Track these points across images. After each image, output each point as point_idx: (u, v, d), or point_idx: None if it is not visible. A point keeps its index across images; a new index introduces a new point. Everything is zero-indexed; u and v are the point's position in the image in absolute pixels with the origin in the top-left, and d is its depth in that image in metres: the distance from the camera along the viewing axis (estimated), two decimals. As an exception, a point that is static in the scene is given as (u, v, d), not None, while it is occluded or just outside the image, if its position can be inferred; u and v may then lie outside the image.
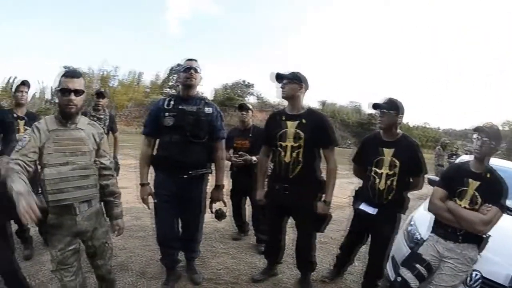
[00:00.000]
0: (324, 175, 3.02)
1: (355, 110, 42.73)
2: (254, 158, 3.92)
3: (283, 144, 2.87)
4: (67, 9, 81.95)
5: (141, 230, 4.53)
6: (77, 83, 2.06)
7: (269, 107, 38.70)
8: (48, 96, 43.56)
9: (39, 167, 2.09)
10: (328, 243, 4.32)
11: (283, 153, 2.87)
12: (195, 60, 2.90)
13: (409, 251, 2.76)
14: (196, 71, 2.85)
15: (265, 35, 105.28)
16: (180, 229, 3.14)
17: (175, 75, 52.41)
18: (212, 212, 3.18)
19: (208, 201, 3.16)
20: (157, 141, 2.97)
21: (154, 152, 2.97)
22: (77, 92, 2.05)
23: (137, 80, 45.66)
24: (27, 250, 3.63)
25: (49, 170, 1.99)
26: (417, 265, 2.44)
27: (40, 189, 2.08)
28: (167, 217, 2.96)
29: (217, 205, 3.21)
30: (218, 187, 3.12)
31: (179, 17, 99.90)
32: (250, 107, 4.30)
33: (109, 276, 2.47)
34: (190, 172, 2.83)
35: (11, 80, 48.65)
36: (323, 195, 2.94)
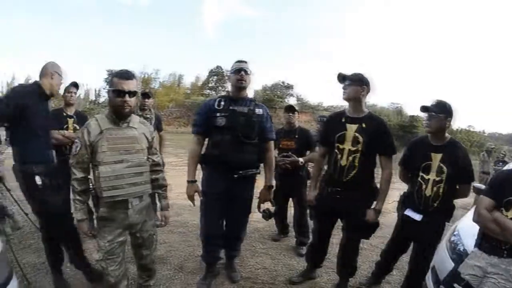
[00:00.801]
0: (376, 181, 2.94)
1: (396, 112, 41.56)
2: (300, 159, 3.92)
3: (341, 146, 2.81)
4: (108, 15, 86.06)
5: (181, 226, 4.61)
6: (131, 85, 2.12)
7: (309, 109, 38.49)
8: (92, 97, 45.75)
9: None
10: (367, 249, 4.18)
11: (339, 156, 2.81)
12: (246, 62, 2.90)
13: (452, 263, 2.60)
14: (246, 72, 2.85)
15: (304, 36, 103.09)
16: (224, 227, 3.16)
17: (215, 77, 53.56)
18: (260, 212, 3.20)
19: (256, 201, 3.18)
20: (205, 139, 3.01)
21: (203, 151, 3.01)
22: (131, 94, 2.11)
23: (178, 82, 46.97)
24: None
25: (104, 168, 2.06)
26: (455, 285, 2.30)
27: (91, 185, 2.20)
28: (214, 215, 2.98)
29: (264, 205, 3.21)
30: (268, 187, 3.11)
31: (214, 20, 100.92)
32: (297, 108, 4.28)
33: (152, 266, 2.55)
34: (240, 171, 2.85)
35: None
36: (374, 202, 2.85)
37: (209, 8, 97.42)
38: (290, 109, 4.22)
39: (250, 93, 3.02)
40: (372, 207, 2.83)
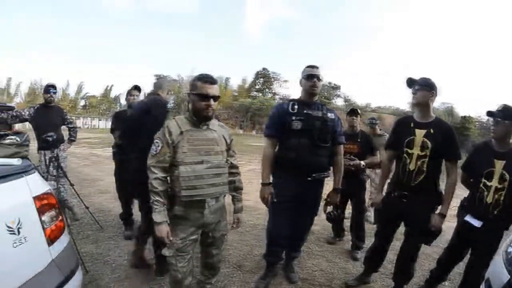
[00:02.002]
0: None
1: (447, 112, 39.67)
2: (362, 162, 3.90)
3: (410, 151, 2.78)
4: (155, 21, 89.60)
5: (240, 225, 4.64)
6: (215, 89, 2.16)
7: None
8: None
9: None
10: (420, 257, 4.06)
11: (408, 160, 2.78)
12: (317, 67, 2.92)
13: (507, 275, 2.47)
14: (319, 79, 2.88)
15: (349, 35, 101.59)
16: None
17: (261, 79, 53.81)
18: (325, 214, 3.20)
19: (322, 204, 3.19)
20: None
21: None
22: (215, 98, 2.15)
23: (225, 85, 47.71)
24: (128, 231, 4.07)
25: (184, 168, 2.09)
26: None
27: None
28: (284, 216, 2.98)
29: (329, 208, 3.22)
30: (336, 190, 3.13)
31: (257, 23, 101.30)
32: (360, 112, 4.24)
33: (218, 265, 2.56)
34: (314, 174, 2.88)
35: (108, 88, 53.86)
36: (439, 208, 2.77)
37: (251, 11, 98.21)
38: (353, 112, 4.17)
39: (297, 94, 3.05)
40: (437, 212, 2.77)
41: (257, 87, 53.46)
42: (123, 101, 52.35)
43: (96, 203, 5.29)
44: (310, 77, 2.87)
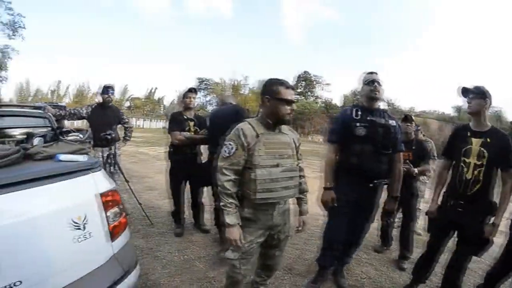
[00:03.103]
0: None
1: (495, 117, 37.39)
2: (415, 170, 3.79)
3: (467, 160, 2.76)
4: (194, 26, 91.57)
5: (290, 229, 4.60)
6: (294, 95, 2.22)
7: (401, 115, 36.57)
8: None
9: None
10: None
11: (465, 169, 2.75)
12: (376, 73, 2.93)
13: None
14: (379, 83, 2.88)
15: (391, 37, 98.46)
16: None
17: (303, 82, 53.49)
18: (383, 221, 3.14)
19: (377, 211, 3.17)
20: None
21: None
22: (294, 103, 2.20)
23: None
24: (179, 228, 4.17)
25: (260, 171, 2.07)
26: None
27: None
28: (342, 222, 2.98)
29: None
30: (394, 198, 3.10)
31: (295, 24, 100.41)
32: (413, 118, 4.12)
33: (277, 267, 2.57)
34: (375, 181, 2.90)
35: (152, 90, 55.74)
36: (492, 218, 2.71)
37: (288, 12, 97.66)
38: (407, 119, 4.07)
39: (338, 98, 3.04)
40: (489, 222, 2.72)
41: (298, 90, 53.24)
42: (165, 102, 54.33)
43: (145, 199, 5.45)
44: (371, 82, 2.88)
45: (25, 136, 2.59)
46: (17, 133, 3.82)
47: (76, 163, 1.99)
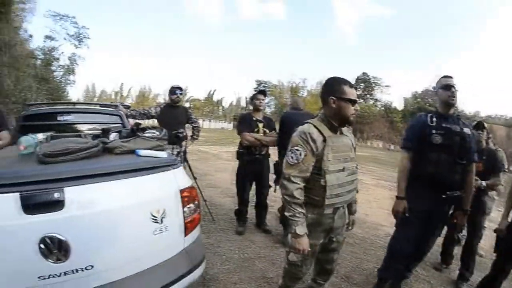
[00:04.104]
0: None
1: None
2: (484, 183, 3.54)
3: None
4: (248, 30, 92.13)
5: (349, 236, 4.53)
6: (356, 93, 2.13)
7: (465, 119, 34.26)
8: (243, 104, 49.45)
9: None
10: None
11: None
12: (451, 77, 2.82)
13: None
14: (455, 89, 2.77)
15: (453, 34, 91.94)
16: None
17: (362, 84, 51.89)
18: (446, 237, 3.05)
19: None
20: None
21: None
22: (357, 102, 2.12)
23: None
24: (241, 227, 4.27)
25: (330, 176, 2.00)
26: None
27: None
28: (410, 234, 2.87)
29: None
30: (465, 211, 2.91)
31: (351, 23, 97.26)
32: (486, 125, 3.80)
33: (334, 270, 2.50)
34: (448, 192, 2.75)
35: (211, 92, 57.26)
36: None
37: (340, 12, 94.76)
38: (478, 126, 3.73)
39: (398, 101, 2.89)
40: None
41: (358, 93, 51.60)
42: (224, 104, 55.45)
43: (208, 196, 5.59)
44: (448, 87, 2.75)
45: (101, 131, 2.74)
46: (89, 128, 4.17)
47: (158, 159, 2.08)
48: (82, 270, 1.68)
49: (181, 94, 4.79)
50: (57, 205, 1.62)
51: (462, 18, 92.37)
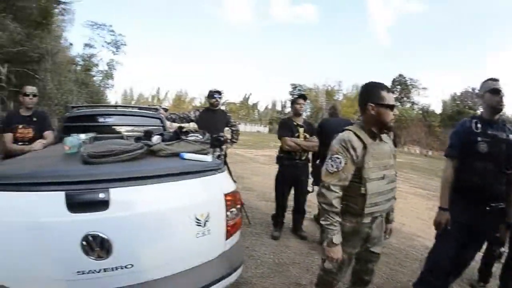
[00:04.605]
0: None
1: None
2: None
3: None
4: (281, 34, 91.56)
5: (384, 246, 4.30)
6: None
7: (510, 125, 32.33)
8: (278, 107, 49.33)
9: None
10: None
11: None
12: (498, 80, 2.66)
13: None
14: (503, 93, 2.62)
15: (493, 30, 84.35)
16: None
17: (398, 87, 50.22)
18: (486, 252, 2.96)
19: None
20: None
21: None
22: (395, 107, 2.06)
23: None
24: (277, 232, 4.28)
25: (371, 185, 1.97)
26: None
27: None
28: (450, 247, 2.71)
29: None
30: (507, 225, 2.74)
31: (385, 24, 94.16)
32: None
33: (370, 281, 2.44)
34: (492, 204, 2.57)
35: (246, 96, 57.63)
36: None
37: (374, 12, 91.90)
38: None
39: (436, 104, 2.72)
40: None
41: (394, 96, 50.02)
42: (259, 107, 55.68)
43: (244, 199, 5.55)
44: (496, 91, 2.58)
45: (143, 134, 2.79)
46: (130, 130, 4.32)
47: (203, 163, 2.12)
48: (122, 268, 1.75)
49: (219, 97, 4.84)
50: (102, 205, 1.69)
51: (505, 13, 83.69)
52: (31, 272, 1.67)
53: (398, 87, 50.93)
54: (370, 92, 2.06)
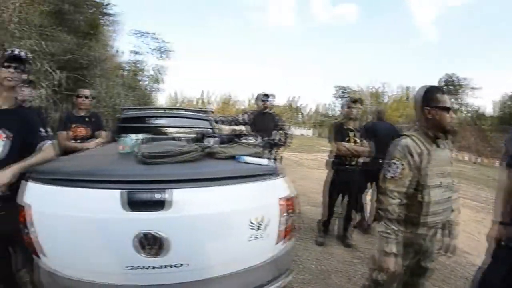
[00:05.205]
0: None
1: None
2: None
3: None
4: (322, 35, 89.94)
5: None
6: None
7: None
8: (322, 110, 48.65)
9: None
10: None
11: None
12: None
13: None
14: None
15: None
16: None
17: (446, 88, 47.48)
18: None
19: None
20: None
21: None
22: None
23: (406, 95, 44.29)
24: (322, 238, 4.24)
25: (428, 192, 1.92)
26: None
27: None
28: (502, 268, 2.41)
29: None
30: None
31: (428, 19, 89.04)
32: None
33: None
34: None
35: (291, 99, 57.41)
36: None
37: (417, 7, 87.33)
38: None
39: (488, 104, 2.43)
40: None
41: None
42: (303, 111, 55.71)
43: None
44: None
45: (198, 136, 2.84)
46: (181, 131, 4.44)
47: (261, 167, 2.10)
48: (175, 267, 1.81)
49: (268, 101, 4.87)
50: (160, 205, 1.73)
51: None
52: (85, 264, 1.79)
53: (447, 88, 48.36)
54: (424, 96, 2.01)
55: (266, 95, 4.85)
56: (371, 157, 4.08)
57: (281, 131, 4.98)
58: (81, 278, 1.80)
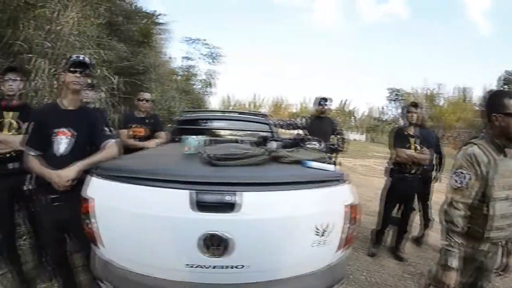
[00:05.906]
0: None
1: None
2: None
3: None
4: (370, 35, 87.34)
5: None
6: None
7: None
8: (375, 114, 47.14)
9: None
10: None
11: None
12: None
13: None
14: None
15: None
16: None
17: (505, 86, 43.81)
18: None
19: None
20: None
21: None
22: None
23: (463, 97, 40.79)
24: (374, 249, 4.16)
25: (496, 205, 1.82)
26: None
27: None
28: None
29: None
30: None
31: (481, 12, 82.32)
32: None
33: None
34: None
35: (343, 102, 56.54)
36: None
37: (471, 2, 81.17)
38: None
39: None
40: None
41: (507, 98, 43.83)
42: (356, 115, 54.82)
43: None
44: None
45: (260, 139, 2.89)
46: (241, 134, 4.52)
47: (327, 172, 2.10)
48: (239, 267, 1.82)
49: (326, 105, 4.86)
50: (229, 207, 1.75)
51: None
52: (143, 258, 1.86)
53: (506, 87, 44.76)
54: (492, 102, 1.91)
55: (324, 99, 4.83)
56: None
57: (338, 136, 4.95)
58: (137, 270, 1.88)
